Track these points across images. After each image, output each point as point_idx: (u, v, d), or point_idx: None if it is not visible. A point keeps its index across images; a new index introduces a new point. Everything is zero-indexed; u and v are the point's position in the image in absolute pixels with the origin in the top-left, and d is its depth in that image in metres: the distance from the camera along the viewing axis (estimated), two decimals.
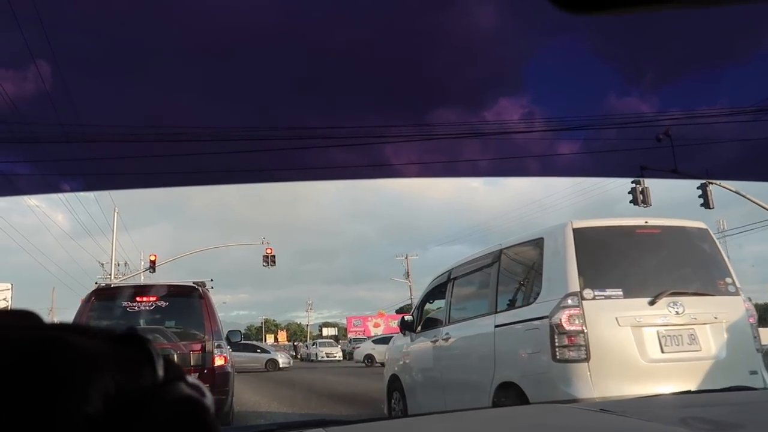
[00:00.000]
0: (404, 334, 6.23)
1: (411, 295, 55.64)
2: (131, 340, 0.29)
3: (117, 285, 8.15)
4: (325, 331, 72.44)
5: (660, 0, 0.51)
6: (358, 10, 1.79)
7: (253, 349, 27.50)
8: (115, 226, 27.10)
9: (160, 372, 0.29)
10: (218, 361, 6.89)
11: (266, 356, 26.85)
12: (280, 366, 26.07)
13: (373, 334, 59.90)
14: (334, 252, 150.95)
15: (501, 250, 4.51)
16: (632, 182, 20.91)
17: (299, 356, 44.22)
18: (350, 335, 58.88)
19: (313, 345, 40.77)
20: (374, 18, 1.81)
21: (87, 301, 7.14)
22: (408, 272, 54.60)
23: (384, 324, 63.64)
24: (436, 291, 5.92)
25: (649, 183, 19.22)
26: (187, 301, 7.36)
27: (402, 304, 71.20)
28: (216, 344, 6.94)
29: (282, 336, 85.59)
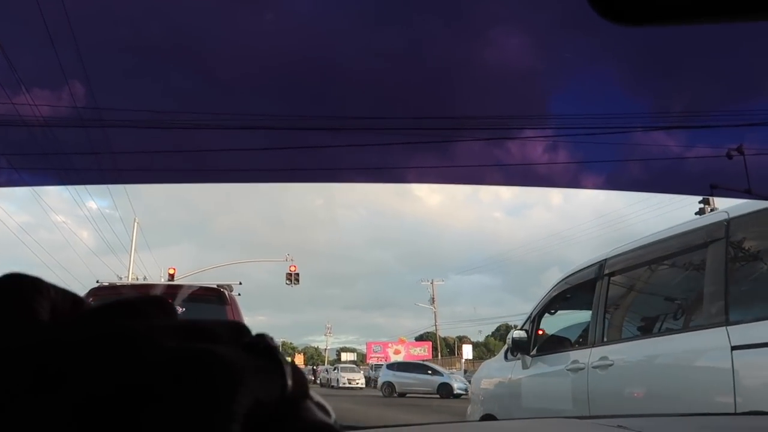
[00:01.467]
0: (508, 358, 4.44)
1: (436, 322, 53.90)
2: (261, 347, 0.27)
3: (122, 284, 6.42)
4: (344, 356, 70.62)
5: (712, 12, 0.52)
6: (385, 41, 1.80)
7: (423, 370, 24.70)
8: (134, 235, 25.64)
9: (290, 383, 0.26)
10: None
11: (438, 379, 23.34)
12: (455, 392, 22.28)
13: (392, 361, 58.31)
14: (353, 277, 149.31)
15: (728, 221, 2.74)
16: (700, 202, 19.21)
17: (318, 381, 42.22)
18: (370, 361, 57.10)
19: (334, 370, 38.60)
20: (400, 48, 1.82)
21: None
22: (433, 298, 52.85)
23: (405, 351, 61.81)
24: (568, 296, 4.14)
25: (719, 204, 17.34)
26: (209, 308, 5.69)
27: (423, 331, 69.66)
28: None
29: (299, 359, 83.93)
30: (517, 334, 4.17)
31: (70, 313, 0.26)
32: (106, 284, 5.94)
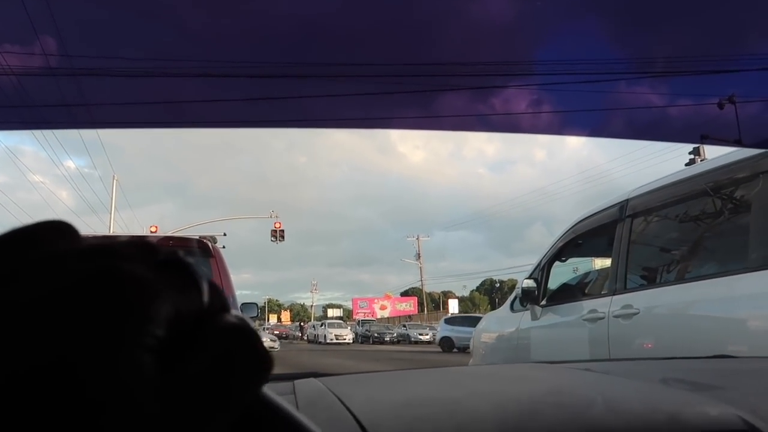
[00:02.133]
0: (515, 308, 4.16)
1: (421, 277, 54.16)
2: (174, 264, 0.27)
3: (94, 236, 5.98)
4: (330, 312, 71.06)
5: None
6: None
7: (475, 322, 24.21)
8: (114, 193, 24.98)
9: (206, 298, 0.27)
10: None
11: None
12: None
13: (379, 317, 58.82)
14: (338, 235, 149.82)
15: None
16: (690, 153, 19.06)
17: (306, 338, 42.38)
18: (356, 317, 57.57)
19: (321, 326, 38.62)
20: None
21: None
22: (419, 253, 52.98)
23: (390, 306, 62.35)
24: (580, 242, 3.83)
25: (710, 153, 17.16)
26: (192, 261, 5.33)
27: (408, 287, 70.15)
28: None
29: (285, 316, 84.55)
30: (526, 283, 3.87)
31: None
32: None
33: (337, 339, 33.60)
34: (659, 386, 1.11)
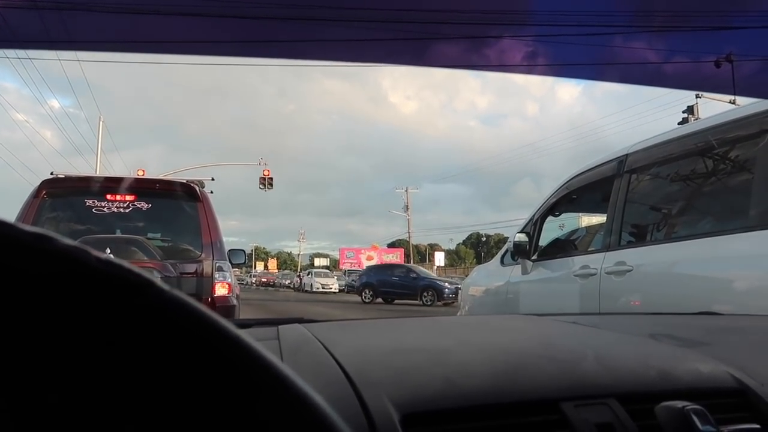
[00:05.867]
0: (505, 262, 4.12)
1: (409, 229, 54.39)
2: None
3: (79, 176, 5.77)
4: (317, 262, 71.37)
5: None
6: None
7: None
8: (100, 135, 24.51)
9: None
10: (220, 290, 4.79)
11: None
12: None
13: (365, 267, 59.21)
14: (326, 184, 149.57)
15: None
16: (684, 112, 18.95)
17: (292, 286, 42.74)
18: (343, 267, 57.93)
19: (308, 275, 38.88)
20: None
21: (35, 195, 4.92)
22: (407, 205, 53.04)
23: (377, 257, 62.78)
24: (574, 197, 3.76)
25: (704, 112, 17.02)
26: (178, 205, 5.19)
27: (395, 239, 70.59)
28: (216, 266, 4.83)
29: (272, 264, 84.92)
30: (518, 237, 3.82)
31: None
32: (61, 176, 5.36)
33: (323, 288, 33.83)
34: (649, 342, 1.11)
